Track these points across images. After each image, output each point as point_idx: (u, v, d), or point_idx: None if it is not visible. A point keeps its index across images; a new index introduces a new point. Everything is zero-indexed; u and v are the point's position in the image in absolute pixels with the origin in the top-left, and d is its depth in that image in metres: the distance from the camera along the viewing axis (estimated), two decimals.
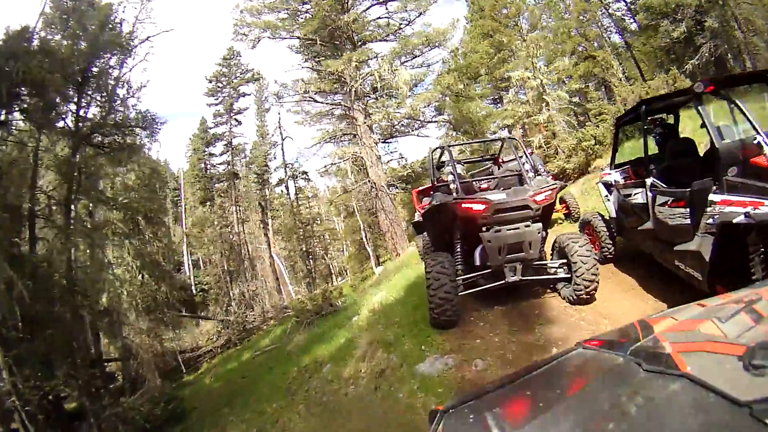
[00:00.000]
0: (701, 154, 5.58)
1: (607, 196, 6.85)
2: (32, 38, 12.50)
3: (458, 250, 5.95)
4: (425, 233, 10.53)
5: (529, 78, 18.43)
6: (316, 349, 9.19)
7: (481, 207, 5.32)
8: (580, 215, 10.44)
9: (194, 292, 35.66)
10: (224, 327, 22.06)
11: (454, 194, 5.87)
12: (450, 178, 6.15)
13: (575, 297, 5.71)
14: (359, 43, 20.46)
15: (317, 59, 20.93)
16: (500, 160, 8.81)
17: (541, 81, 18.34)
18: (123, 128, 15.09)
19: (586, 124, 20.64)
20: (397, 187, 22.37)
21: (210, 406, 10.82)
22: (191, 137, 35.37)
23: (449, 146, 6.92)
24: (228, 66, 34.08)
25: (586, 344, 1.68)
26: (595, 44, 26.04)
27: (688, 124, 7.39)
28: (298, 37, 20.73)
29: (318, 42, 20.19)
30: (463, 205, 5.41)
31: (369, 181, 19.19)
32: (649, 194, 5.26)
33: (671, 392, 1.04)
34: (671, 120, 6.51)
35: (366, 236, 25.37)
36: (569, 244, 5.72)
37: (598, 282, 5.65)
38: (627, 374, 1.25)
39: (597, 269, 5.62)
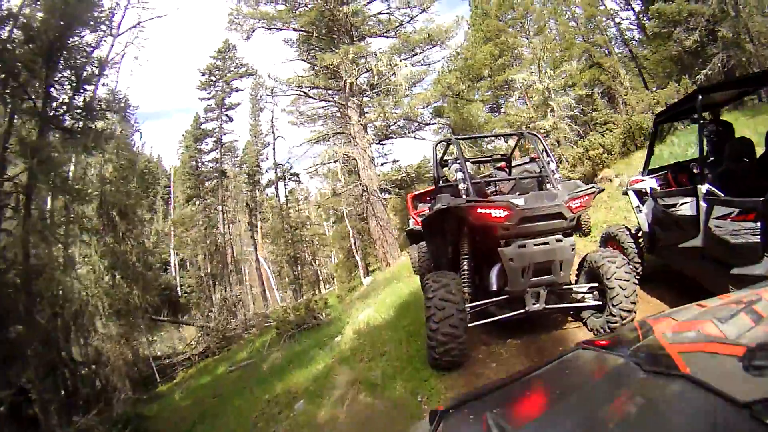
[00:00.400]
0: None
1: (638, 206, 5.68)
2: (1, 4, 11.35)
3: (466, 268, 4.79)
4: (420, 243, 9.38)
5: (534, 81, 17.45)
6: (291, 374, 8.12)
7: (503, 213, 4.11)
8: (590, 229, 9.59)
9: (179, 293, 34.98)
10: (205, 334, 20.85)
11: (464, 196, 4.55)
12: (459, 176, 4.74)
13: (608, 330, 4.59)
14: (358, 39, 19.40)
15: (312, 52, 19.81)
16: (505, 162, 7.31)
17: (547, 85, 17.35)
18: (92, 111, 13.91)
19: (590, 133, 19.84)
20: (390, 192, 21.08)
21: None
22: (184, 133, 34.57)
23: (458, 139, 5.59)
24: (222, 59, 33.20)
25: (586, 344, 1.64)
26: (601, 51, 25.43)
27: None
28: (294, 29, 19.65)
29: (314, 34, 19.14)
30: (480, 210, 4.18)
31: (360, 184, 17.97)
32: (703, 204, 4.19)
33: (671, 393, 1.03)
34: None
35: (355, 243, 23.93)
36: (605, 265, 4.55)
37: (636, 312, 4.53)
38: (627, 375, 1.22)
39: (636, 296, 4.56)
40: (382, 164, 24.56)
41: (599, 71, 23.04)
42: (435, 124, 21.18)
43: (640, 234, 5.83)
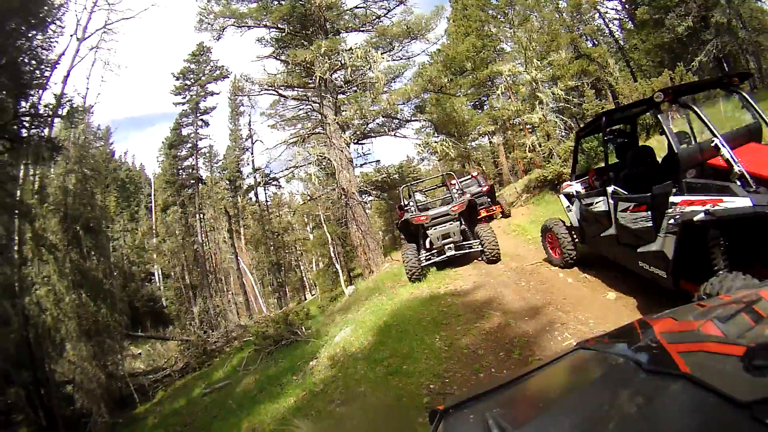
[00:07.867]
0: (658, 162, 5.79)
1: (568, 206, 6.97)
2: None
3: (421, 241, 9.85)
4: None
5: (521, 72, 16.46)
6: (260, 405, 7.53)
7: (423, 218, 9.41)
8: (510, 213, 14.58)
9: (164, 304, 34.52)
10: (185, 348, 19.83)
11: (413, 212, 10.14)
12: (411, 205, 10.81)
13: (489, 258, 8.93)
14: (333, 33, 18.29)
15: (286, 50, 18.65)
16: (450, 184, 12.17)
17: (535, 76, 16.38)
18: (39, 117, 12.80)
19: (580, 125, 18.99)
20: (370, 195, 19.76)
21: None
22: (163, 140, 33.14)
23: (411, 185, 12.45)
24: (197, 62, 31.95)
25: (586, 344, 1.63)
26: (590, 43, 24.78)
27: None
28: (266, 26, 18.51)
29: (287, 31, 18.06)
30: (416, 219, 9.52)
31: (338, 187, 16.79)
32: (611, 201, 5.35)
33: (671, 392, 1.02)
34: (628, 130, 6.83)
35: (335, 250, 22.39)
36: (479, 230, 9.31)
37: (498, 249, 8.93)
38: (627, 374, 1.21)
39: (496, 239, 9.04)
40: (361, 165, 23.08)
41: (587, 62, 22.22)
42: (416, 120, 19.93)
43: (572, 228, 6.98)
